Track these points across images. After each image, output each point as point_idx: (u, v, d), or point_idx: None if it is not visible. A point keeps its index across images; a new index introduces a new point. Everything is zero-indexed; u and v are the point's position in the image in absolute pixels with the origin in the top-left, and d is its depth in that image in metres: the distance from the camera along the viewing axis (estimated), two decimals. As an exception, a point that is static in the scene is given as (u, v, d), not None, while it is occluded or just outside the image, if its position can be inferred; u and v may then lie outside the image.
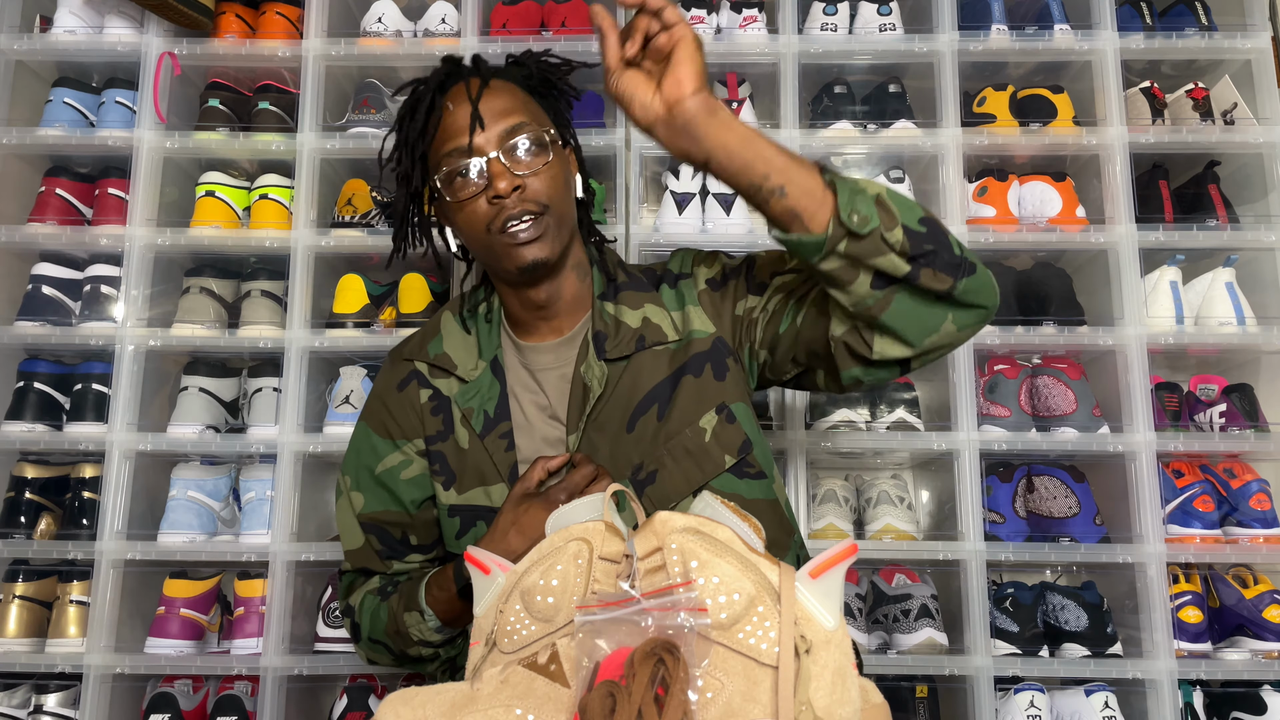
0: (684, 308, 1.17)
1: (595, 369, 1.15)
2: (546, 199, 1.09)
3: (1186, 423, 1.88)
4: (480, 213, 1.08)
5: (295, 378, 1.84)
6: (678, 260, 1.25)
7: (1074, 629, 1.75)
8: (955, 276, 0.98)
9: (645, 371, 1.15)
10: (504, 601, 0.84)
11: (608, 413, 1.14)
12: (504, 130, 1.09)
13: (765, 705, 0.73)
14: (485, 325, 1.21)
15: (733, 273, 1.19)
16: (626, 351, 1.15)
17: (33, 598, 1.80)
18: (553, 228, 1.10)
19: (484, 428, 1.15)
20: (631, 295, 1.20)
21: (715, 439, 1.12)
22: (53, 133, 1.93)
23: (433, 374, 1.19)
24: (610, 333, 1.16)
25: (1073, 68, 2.03)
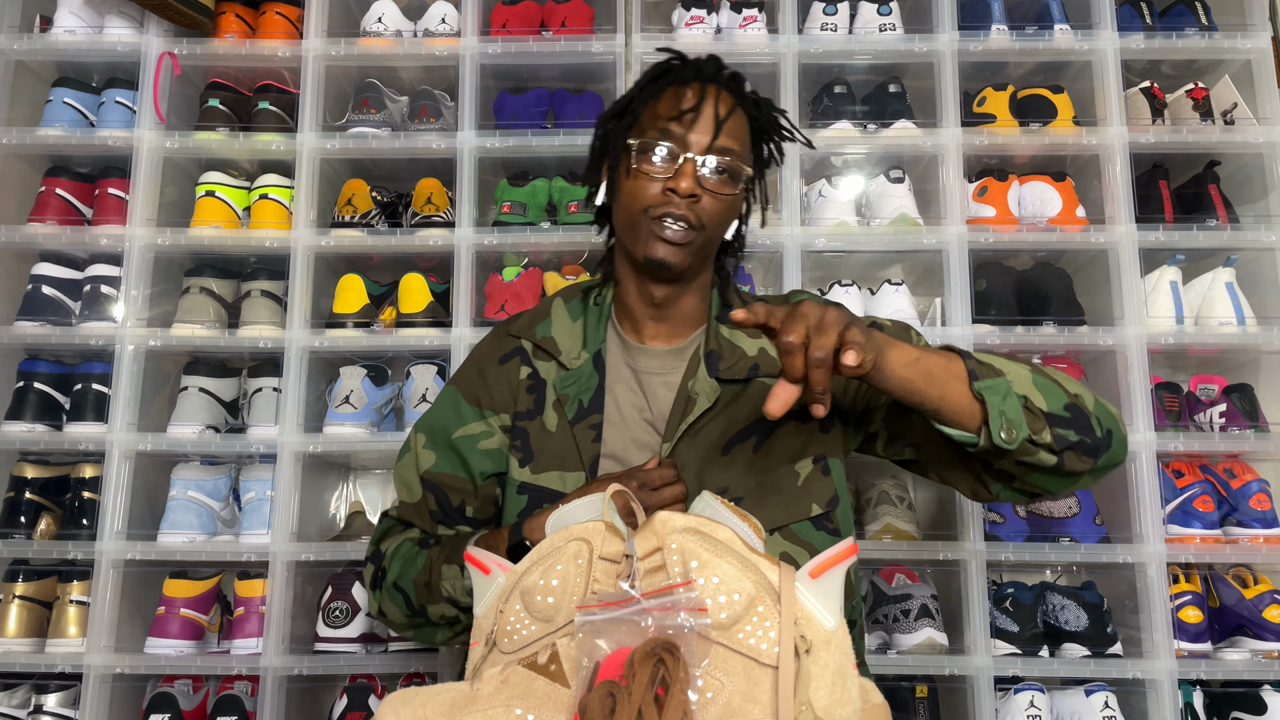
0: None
1: (705, 385, 1.16)
2: (708, 221, 1.12)
3: (1186, 423, 1.87)
4: (650, 191, 1.11)
5: (295, 378, 1.84)
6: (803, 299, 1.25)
7: (1074, 629, 1.75)
8: (1096, 457, 1.03)
9: (753, 402, 1.16)
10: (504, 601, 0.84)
11: (706, 431, 1.14)
12: (719, 147, 1.12)
13: (765, 705, 0.73)
14: (595, 317, 1.22)
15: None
16: (739, 375, 1.17)
17: (33, 598, 1.80)
18: (696, 246, 1.13)
19: (576, 416, 1.16)
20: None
21: (807, 486, 1.13)
22: (53, 133, 1.93)
23: (535, 354, 1.20)
24: (724, 354, 1.18)
25: (1073, 68, 2.03)
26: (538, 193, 1.96)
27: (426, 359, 1.92)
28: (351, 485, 2.15)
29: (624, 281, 1.21)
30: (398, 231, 1.92)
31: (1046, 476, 1.03)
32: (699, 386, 1.15)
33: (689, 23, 1.97)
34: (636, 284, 1.19)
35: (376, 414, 1.88)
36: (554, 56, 1.96)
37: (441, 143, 1.92)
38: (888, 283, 1.91)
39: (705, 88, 1.15)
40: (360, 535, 1.90)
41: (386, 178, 2.10)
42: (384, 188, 2.03)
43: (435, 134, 1.94)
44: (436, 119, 1.97)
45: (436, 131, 1.95)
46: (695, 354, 1.19)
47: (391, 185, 2.06)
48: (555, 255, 1.99)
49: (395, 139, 1.94)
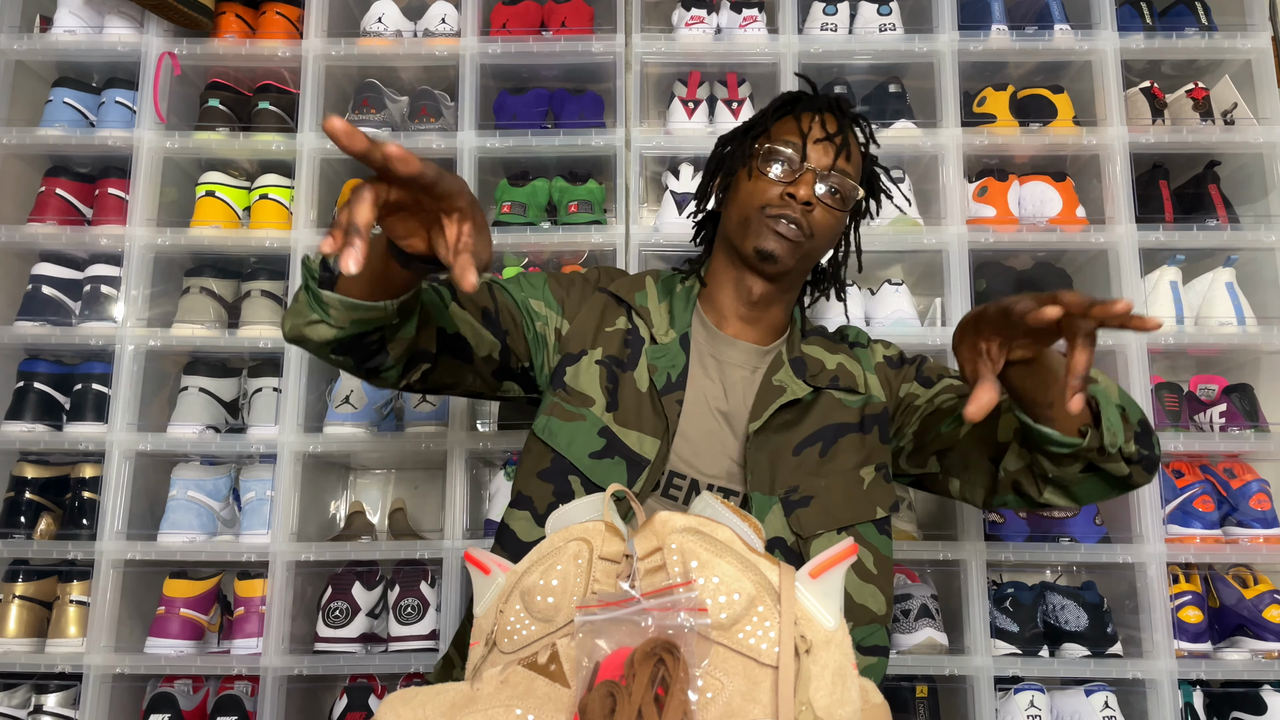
0: (865, 373, 1.27)
1: (791, 381, 1.22)
2: (817, 230, 1.19)
3: (1186, 423, 1.87)
4: (768, 193, 1.18)
5: (295, 378, 1.84)
6: (854, 333, 1.34)
7: (1074, 629, 1.75)
8: (1150, 474, 1.10)
9: (827, 410, 1.22)
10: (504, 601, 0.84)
11: (779, 432, 1.19)
12: (840, 169, 1.20)
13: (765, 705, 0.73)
14: (682, 302, 1.27)
15: (907, 360, 1.30)
16: (821, 383, 1.23)
17: (33, 598, 1.80)
18: (803, 251, 1.19)
19: (665, 387, 1.19)
20: (824, 342, 1.29)
21: (871, 490, 1.19)
22: (53, 133, 1.93)
23: (636, 314, 1.25)
24: (808, 363, 1.25)
25: (1073, 68, 2.03)
26: (538, 193, 1.96)
27: None
28: (351, 485, 2.15)
29: (720, 279, 1.27)
30: (398, 231, 1.92)
31: (1101, 485, 1.09)
32: (787, 380, 1.21)
33: (689, 23, 1.97)
34: (735, 280, 1.25)
35: (376, 414, 1.88)
36: (554, 56, 1.96)
37: (441, 143, 1.92)
38: (888, 283, 1.91)
39: (836, 118, 1.23)
40: (360, 535, 1.90)
41: (386, 178, 2.10)
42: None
43: (435, 134, 1.94)
44: (436, 119, 1.97)
45: (436, 131, 1.95)
46: (779, 356, 1.24)
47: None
48: (555, 255, 1.99)
49: (395, 139, 1.94)
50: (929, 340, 1.85)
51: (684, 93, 1.98)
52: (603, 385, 1.19)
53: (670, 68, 2.03)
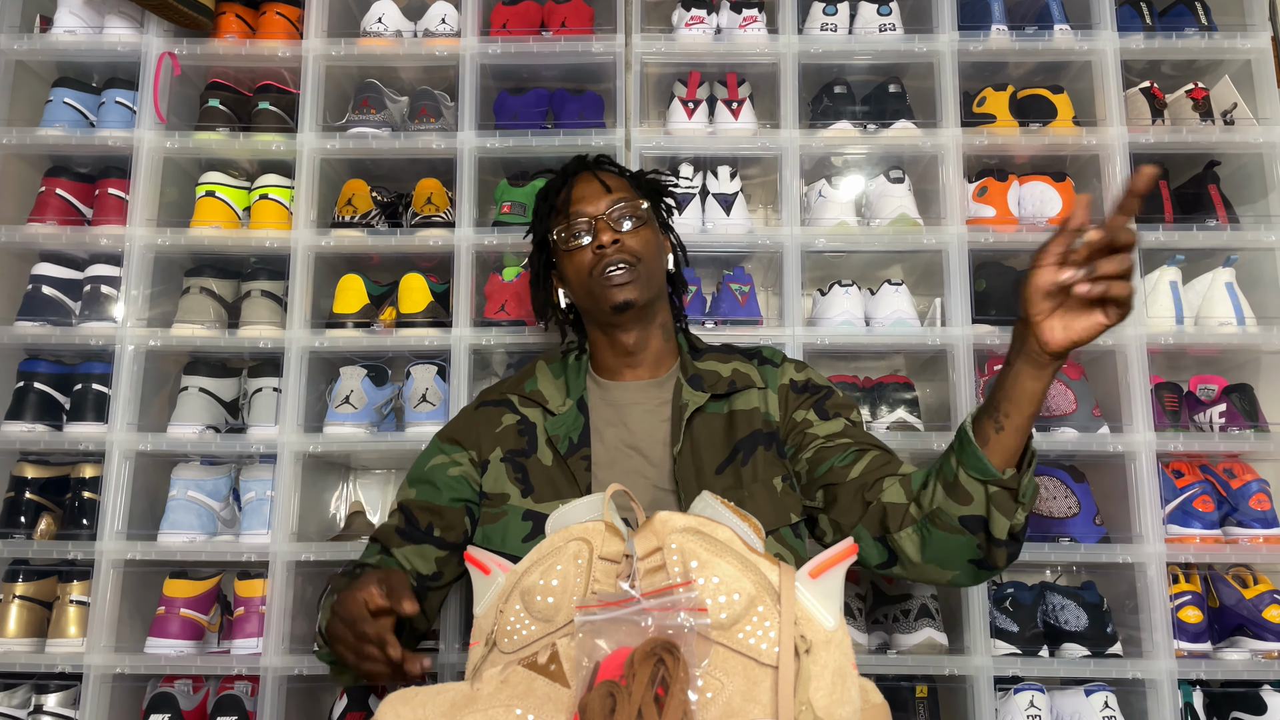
0: (766, 389, 1.34)
1: (694, 396, 1.32)
2: (640, 252, 1.31)
3: (1186, 423, 1.87)
4: (586, 260, 1.31)
5: (295, 378, 1.84)
6: (769, 352, 1.42)
7: (1074, 629, 1.75)
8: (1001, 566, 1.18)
9: (739, 425, 1.30)
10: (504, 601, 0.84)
11: (703, 452, 1.28)
12: (611, 200, 1.33)
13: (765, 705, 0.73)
14: (575, 370, 1.38)
15: (812, 389, 1.35)
16: (721, 390, 1.32)
17: (33, 598, 1.80)
18: (643, 277, 1.30)
19: (568, 451, 1.29)
20: (717, 355, 1.39)
21: (784, 497, 1.27)
22: (53, 133, 1.93)
23: (523, 404, 1.36)
24: (704, 376, 1.35)
25: (1072, 68, 2.03)
26: (538, 193, 1.96)
27: (426, 359, 1.92)
28: (351, 485, 2.15)
29: (598, 344, 1.38)
30: (398, 231, 1.92)
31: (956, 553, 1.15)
32: (688, 397, 1.31)
33: (689, 23, 1.97)
34: (608, 340, 1.36)
35: (376, 414, 1.88)
36: (554, 57, 1.96)
37: (441, 143, 1.92)
38: (888, 283, 1.91)
39: (581, 174, 1.37)
40: (360, 535, 1.90)
41: (386, 178, 2.10)
42: (384, 188, 2.03)
43: (435, 134, 1.94)
44: (436, 119, 1.97)
45: (436, 131, 1.95)
46: (677, 381, 1.34)
47: (391, 185, 2.06)
48: (555, 255, 1.99)
49: (395, 139, 1.94)
50: (929, 340, 1.85)
51: (684, 93, 1.98)
52: (512, 478, 1.29)
53: (670, 68, 2.03)
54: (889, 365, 2.10)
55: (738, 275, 1.91)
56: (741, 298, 1.88)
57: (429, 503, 1.29)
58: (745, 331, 1.86)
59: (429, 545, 1.27)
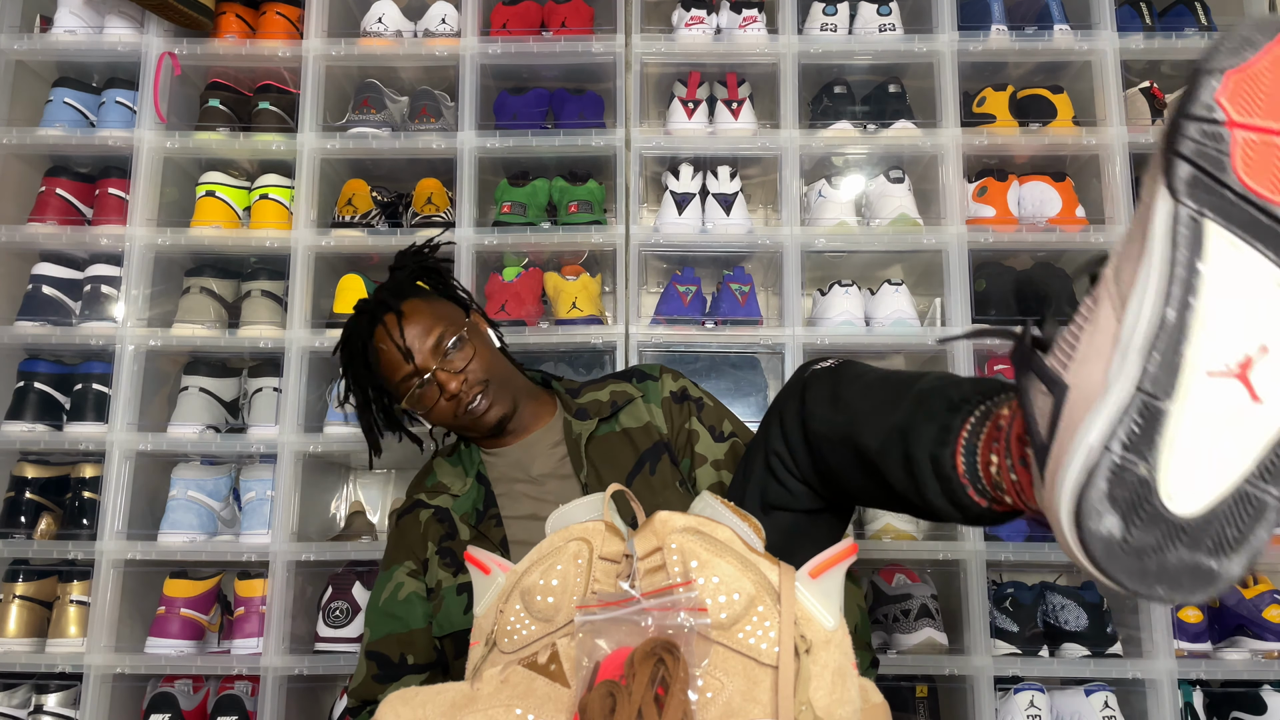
0: (649, 403, 1.36)
1: (583, 426, 1.34)
2: (485, 374, 1.30)
3: (1186, 423, 1.87)
4: (445, 410, 1.29)
5: (295, 378, 1.84)
6: (646, 367, 1.43)
7: (1074, 629, 1.75)
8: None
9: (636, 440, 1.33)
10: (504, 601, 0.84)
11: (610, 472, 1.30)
12: (432, 346, 1.28)
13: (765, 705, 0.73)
14: (468, 454, 1.40)
15: (689, 398, 1.37)
16: (605, 414, 1.35)
17: (33, 598, 1.80)
18: (499, 390, 1.31)
19: (478, 518, 1.32)
20: (593, 386, 1.41)
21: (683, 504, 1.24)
22: (53, 133, 1.93)
23: (431, 497, 1.36)
24: (588, 408, 1.37)
25: (1072, 68, 2.03)
26: (538, 193, 1.96)
27: None
28: (351, 485, 2.15)
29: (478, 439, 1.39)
30: (398, 231, 1.92)
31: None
32: (578, 428, 1.34)
33: (689, 23, 1.97)
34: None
35: (376, 414, 1.88)
36: (554, 57, 1.96)
37: (441, 143, 1.92)
38: (888, 283, 1.91)
39: (379, 332, 1.30)
40: (360, 535, 1.90)
41: (386, 178, 2.10)
42: (384, 188, 2.03)
43: (435, 134, 1.94)
44: (436, 119, 1.97)
45: (436, 131, 1.95)
46: (564, 420, 1.37)
47: (391, 185, 2.06)
48: (555, 255, 1.99)
49: (395, 139, 1.94)
50: (928, 340, 1.85)
51: (684, 93, 1.98)
52: (442, 565, 1.30)
53: (670, 68, 2.03)
54: (888, 365, 2.10)
55: (738, 275, 1.91)
56: (741, 298, 1.88)
57: (393, 634, 1.28)
58: (745, 331, 1.86)
59: (409, 676, 1.27)
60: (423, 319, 1.30)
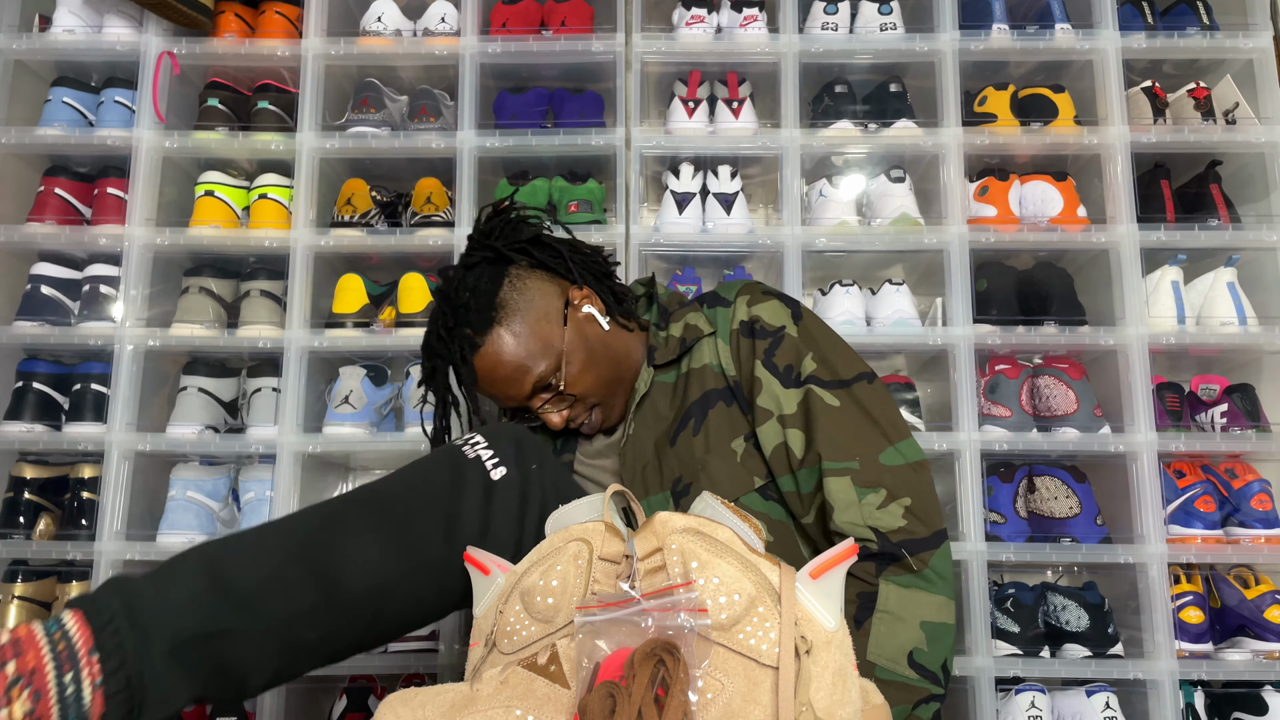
0: (716, 337, 1.22)
1: (644, 374, 1.23)
2: (592, 389, 1.21)
3: (1188, 423, 1.87)
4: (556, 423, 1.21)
5: (295, 378, 1.83)
6: (723, 289, 1.29)
7: (1075, 629, 1.74)
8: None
9: (693, 384, 1.20)
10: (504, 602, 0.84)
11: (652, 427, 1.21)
12: (528, 392, 1.19)
13: (765, 706, 0.73)
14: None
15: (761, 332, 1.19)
16: (672, 355, 1.23)
17: (32, 598, 1.80)
18: (610, 393, 1.23)
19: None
20: (681, 313, 1.28)
21: (745, 461, 1.16)
22: (52, 132, 1.93)
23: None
24: (659, 345, 1.25)
25: (1074, 67, 2.03)
26: (537, 192, 1.96)
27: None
28: (351, 485, 2.15)
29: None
30: (397, 231, 1.92)
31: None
32: (640, 379, 1.24)
33: (689, 22, 1.97)
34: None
35: (376, 414, 1.88)
36: (554, 56, 1.96)
37: (441, 142, 1.92)
38: (888, 282, 1.91)
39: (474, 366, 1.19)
40: (360, 535, 1.89)
41: (386, 177, 2.10)
42: (384, 187, 2.02)
43: (435, 133, 1.93)
44: (436, 118, 1.96)
45: (436, 131, 1.94)
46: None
47: (391, 185, 2.06)
48: (555, 255, 1.99)
49: (395, 138, 1.93)
50: (930, 340, 1.85)
51: (684, 92, 1.98)
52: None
53: (670, 67, 2.02)
54: (890, 365, 2.10)
55: (738, 275, 1.91)
56: (742, 297, 1.88)
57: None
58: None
59: None
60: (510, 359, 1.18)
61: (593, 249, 1.32)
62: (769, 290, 1.24)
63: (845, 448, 1.11)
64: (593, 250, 1.31)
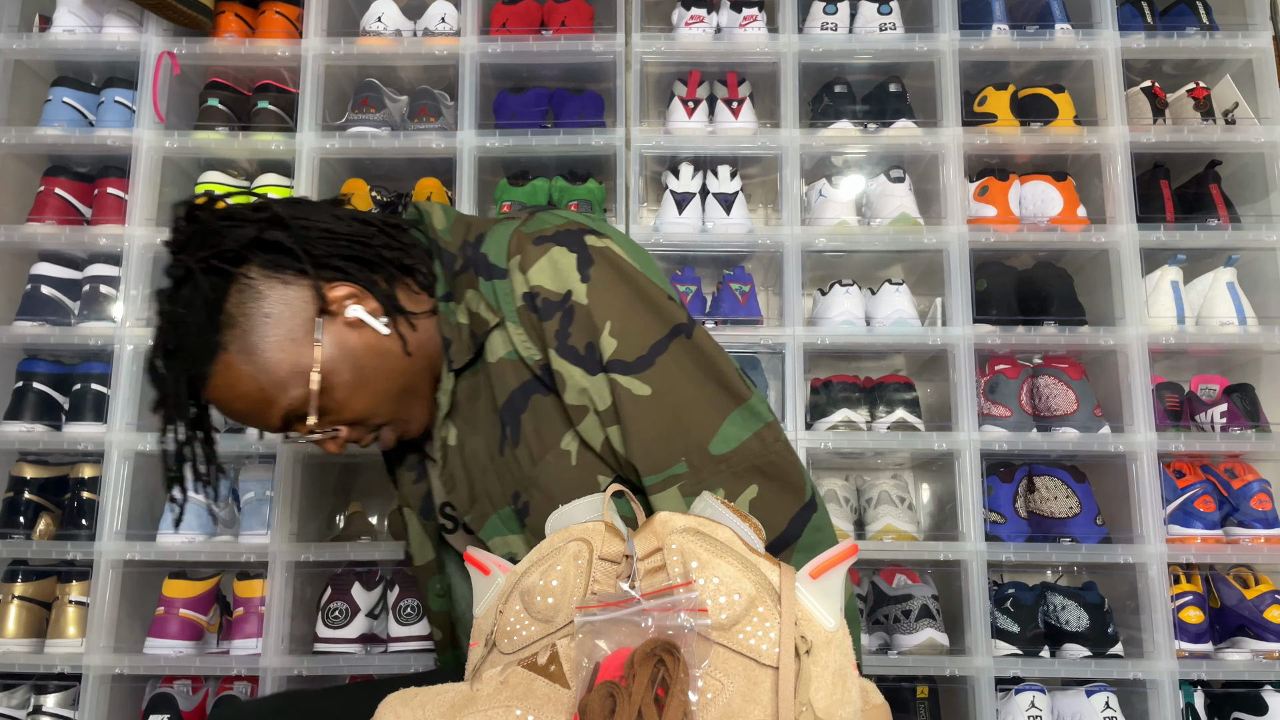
0: (503, 322, 0.98)
1: (446, 381, 1.01)
2: (372, 416, 0.99)
3: (1187, 423, 1.87)
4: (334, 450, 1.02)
5: (295, 378, 1.83)
6: (494, 244, 0.99)
7: (1075, 629, 1.74)
8: None
9: (495, 381, 0.98)
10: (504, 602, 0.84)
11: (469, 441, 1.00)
12: (279, 427, 0.98)
13: (765, 706, 0.73)
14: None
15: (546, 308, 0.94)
16: (469, 356, 0.99)
17: (32, 598, 1.80)
18: (401, 414, 1.01)
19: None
20: (458, 288, 1.01)
21: (580, 464, 0.96)
22: (52, 132, 1.93)
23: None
24: (454, 337, 1.00)
25: (1074, 67, 2.03)
26: (538, 192, 1.96)
27: None
28: (351, 486, 2.14)
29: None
30: (397, 231, 1.92)
31: None
32: (441, 393, 1.01)
33: (689, 22, 1.97)
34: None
35: (376, 414, 1.88)
36: (554, 56, 1.96)
37: (441, 142, 1.92)
38: (888, 282, 1.91)
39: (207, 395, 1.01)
40: (359, 536, 1.89)
41: (386, 177, 2.10)
42: (383, 187, 2.02)
43: (435, 133, 1.93)
44: (436, 118, 1.96)
45: (436, 131, 1.94)
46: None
47: (391, 185, 2.06)
48: (555, 255, 1.99)
49: (395, 138, 1.93)
50: (929, 340, 1.85)
51: (684, 92, 1.98)
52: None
53: (670, 67, 2.02)
54: (889, 365, 2.10)
55: (738, 275, 1.91)
56: (742, 297, 1.88)
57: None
58: (746, 331, 1.85)
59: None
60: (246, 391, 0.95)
61: (368, 221, 1.02)
62: (541, 235, 0.96)
63: (665, 451, 0.91)
64: (366, 224, 1.02)
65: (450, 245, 1.03)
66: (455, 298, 1.00)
